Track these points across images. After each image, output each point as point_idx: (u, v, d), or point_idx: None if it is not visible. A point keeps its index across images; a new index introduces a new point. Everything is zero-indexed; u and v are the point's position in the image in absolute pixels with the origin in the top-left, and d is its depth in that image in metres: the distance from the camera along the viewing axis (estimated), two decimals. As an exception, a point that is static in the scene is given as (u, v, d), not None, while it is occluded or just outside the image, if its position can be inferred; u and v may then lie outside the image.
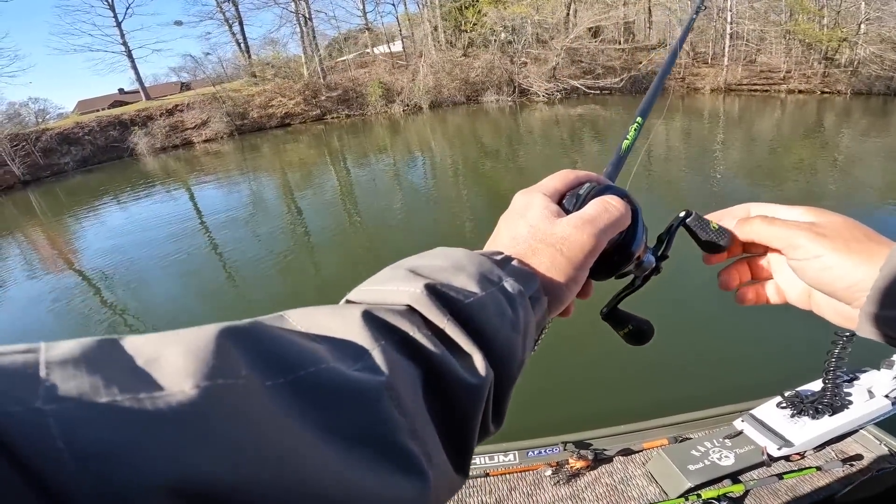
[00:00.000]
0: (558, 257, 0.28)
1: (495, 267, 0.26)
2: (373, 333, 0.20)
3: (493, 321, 0.23)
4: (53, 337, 1.20)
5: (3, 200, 15.53)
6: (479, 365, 0.22)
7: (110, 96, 28.40)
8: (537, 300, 0.27)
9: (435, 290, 0.23)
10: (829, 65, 17.59)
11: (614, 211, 0.31)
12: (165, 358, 0.14)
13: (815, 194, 7.21)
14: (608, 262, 0.32)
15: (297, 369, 0.17)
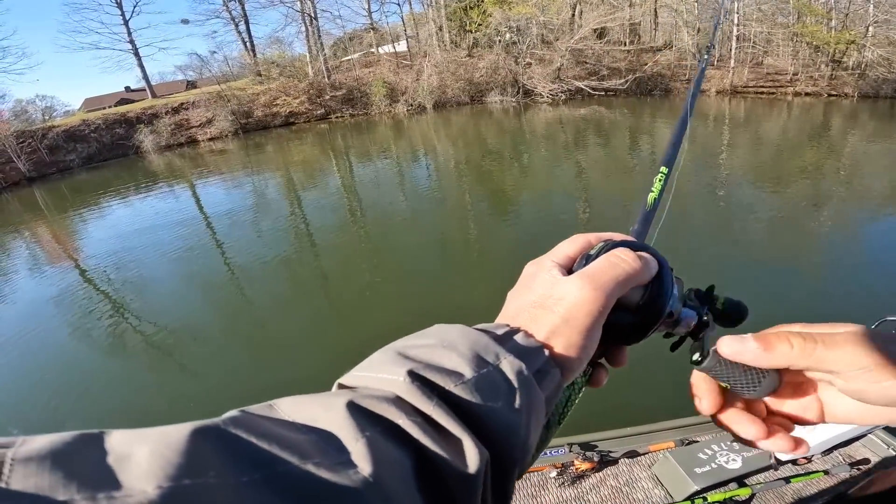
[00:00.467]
0: (557, 322, 0.26)
1: (493, 344, 0.25)
2: (358, 424, 0.20)
3: (486, 404, 0.22)
4: (54, 334, 1.22)
5: (9, 197, 15.66)
6: (469, 452, 0.21)
7: (117, 94, 28.61)
8: (546, 374, 0.25)
9: (419, 376, 0.22)
10: (837, 67, 17.47)
11: (622, 264, 0.28)
12: (134, 456, 0.14)
13: (821, 198, 7.16)
14: (636, 324, 0.29)
15: (274, 465, 0.16)
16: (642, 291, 0.29)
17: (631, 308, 0.28)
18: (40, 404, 3.92)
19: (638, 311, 0.29)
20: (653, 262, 0.30)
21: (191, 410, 3.60)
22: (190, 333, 4.84)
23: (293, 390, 1.40)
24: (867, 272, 4.58)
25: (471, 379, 0.22)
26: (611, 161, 10.99)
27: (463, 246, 6.49)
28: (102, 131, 19.66)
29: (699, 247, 5.63)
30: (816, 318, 0.95)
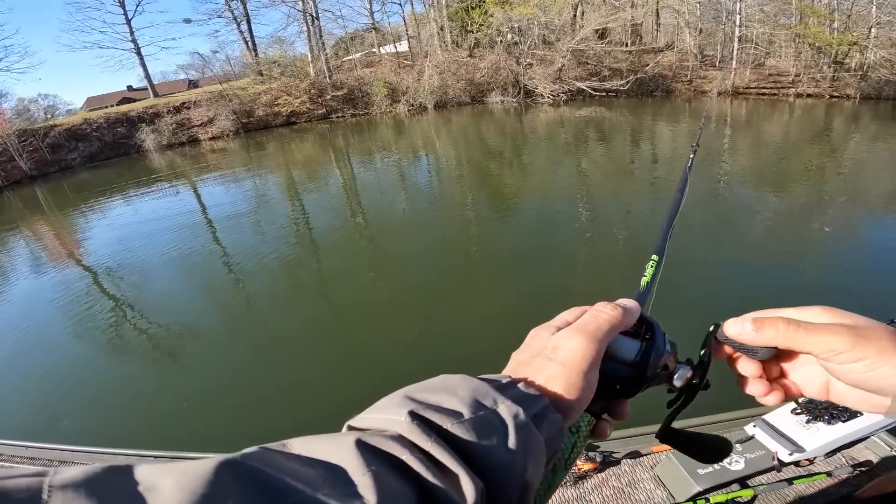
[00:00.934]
0: (554, 366, 0.30)
1: (492, 391, 0.27)
2: (365, 459, 0.21)
3: (481, 442, 0.24)
4: (56, 331, 1.22)
5: (10, 195, 15.70)
6: (465, 486, 0.22)
7: (119, 93, 28.65)
8: (545, 418, 0.27)
9: (420, 416, 0.25)
10: (839, 69, 17.43)
11: (604, 315, 0.33)
12: (160, 487, 0.16)
13: (822, 200, 7.14)
14: (632, 376, 0.32)
15: (287, 496, 0.18)
16: (638, 347, 0.33)
17: (627, 363, 0.32)
18: (37, 400, 3.92)
19: (634, 366, 0.32)
20: (633, 308, 0.35)
21: (187, 409, 3.60)
22: (189, 332, 4.83)
23: (292, 389, 1.41)
24: (870, 274, 4.57)
25: (468, 420, 0.25)
26: (611, 162, 10.98)
27: (463, 246, 6.49)
28: (104, 130, 19.69)
29: (700, 248, 5.62)
30: None
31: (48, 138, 18.37)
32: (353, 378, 3.62)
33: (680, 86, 20.48)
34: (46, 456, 2.23)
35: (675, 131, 14.16)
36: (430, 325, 4.43)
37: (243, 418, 3.36)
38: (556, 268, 5.33)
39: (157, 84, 26.03)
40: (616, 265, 5.26)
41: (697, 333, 0.40)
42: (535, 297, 4.64)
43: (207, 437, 3.14)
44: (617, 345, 0.33)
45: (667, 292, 0.51)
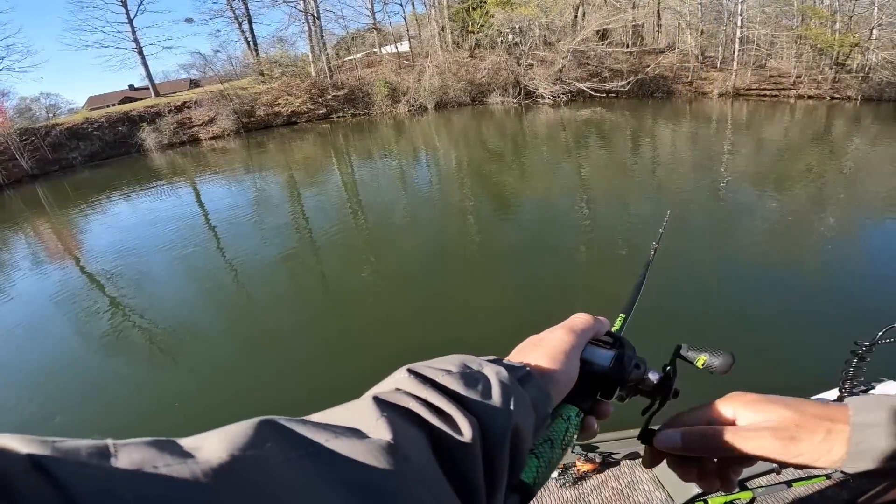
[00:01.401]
0: (542, 350, 0.37)
1: (479, 359, 0.33)
2: (378, 409, 0.26)
3: (470, 390, 0.29)
4: (58, 329, 1.22)
5: (11, 194, 15.72)
6: (462, 424, 0.27)
7: (120, 92, 28.69)
8: (528, 381, 0.32)
9: (415, 373, 0.30)
10: (840, 70, 17.42)
11: (579, 320, 0.41)
12: (208, 440, 0.19)
13: (822, 202, 7.14)
14: (609, 382, 0.39)
15: (316, 442, 0.22)
16: (612, 355, 0.40)
17: (604, 367, 0.39)
18: (36, 397, 3.92)
19: (609, 369, 0.39)
20: (605, 321, 0.43)
21: (184, 408, 3.60)
22: (187, 330, 4.84)
23: (291, 389, 1.41)
24: (871, 278, 4.56)
25: (456, 373, 0.30)
26: (612, 163, 10.98)
27: (462, 246, 6.49)
28: (105, 129, 19.72)
29: (700, 250, 5.61)
30: (826, 329, 0.94)
31: (49, 137, 18.40)
32: (352, 376, 3.62)
33: (681, 87, 20.48)
34: None
35: (675, 133, 14.16)
36: (430, 325, 4.43)
37: (241, 416, 3.35)
38: (555, 268, 5.33)
39: (158, 83, 26.07)
40: (615, 266, 5.26)
41: (682, 332, 0.41)
42: (533, 297, 4.64)
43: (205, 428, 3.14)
44: (595, 354, 0.40)
45: (653, 293, 0.51)
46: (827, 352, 1.96)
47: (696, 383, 0.46)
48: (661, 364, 0.43)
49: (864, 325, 3.54)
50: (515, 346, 0.41)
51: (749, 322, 3.83)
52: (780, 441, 0.33)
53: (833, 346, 1.64)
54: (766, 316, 3.88)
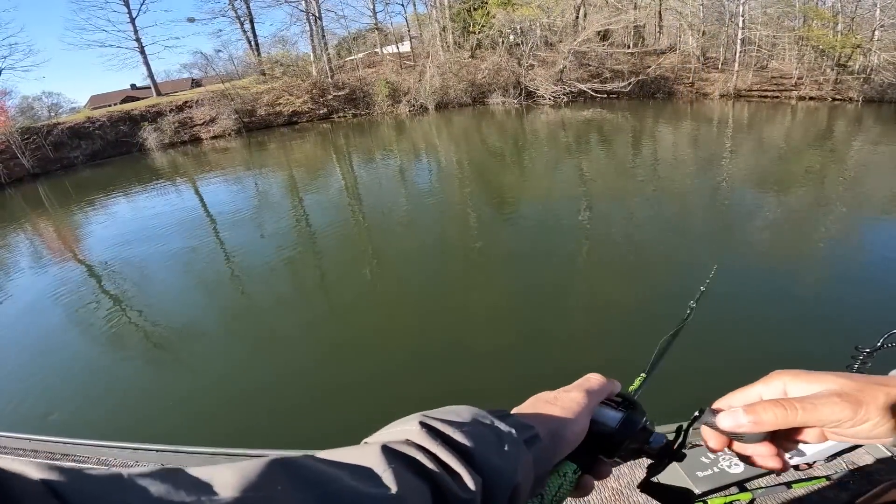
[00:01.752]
0: (554, 408, 0.38)
1: (490, 415, 0.34)
2: (386, 459, 0.26)
3: (479, 449, 0.30)
4: (59, 329, 1.22)
5: (12, 192, 15.75)
6: (467, 481, 0.27)
7: (122, 92, 28.72)
8: (534, 444, 0.33)
9: (427, 426, 0.31)
10: (842, 71, 17.39)
11: (592, 379, 0.42)
12: (219, 475, 0.20)
13: (823, 203, 7.13)
14: (613, 441, 0.39)
15: (326, 485, 0.22)
16: (620, 417, 0.40)
17: (610, 427, 0.40)
18: (36, 394, 3.93)
19: (615, 430, 0.40)
20: (617, 382, 0.44)
21: (182, 408, 3.61)
22: (186, 329, 4.84)
23: (290, 390, 1.40)
24: (872, 282, 4.54)
25: (467, 430, 0.31)
26: (612, 164, 10.97)
27: (463, 248, 6.48)
28: (107, 129, 19.75)
29: (701, 250, 5.61)
30: (830, 332, 0.93)
31: (51, 136, 18.44)
32: (352, 378, 3.61)
33: (682, 88, 20.46)
34: (49, 449, 2.24)
35: (677, 134, 14.15)
36: (430, 327, 4.42)
37: (240, 418, 3.36)
38: (555, 272, 5.33)
39: (160, 83, 26.12)
40: (616, 268, 5.25)
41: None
42: (534, 301, 4.63)
43: (206, 432, 3.14)
44: (604, 414, 0.40)
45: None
46: (827, 358, 1.96)
47: (724, 366, 0.45)
48: (675, 418, 0.42)
49: (864, 330, 3.52)
50: (528, 399, 0.42)
51: (747, 326, 3.83)
52: (849, 405, 0.32)
53: (833, 353, 1.64)
54: (765, 320, 3.87)
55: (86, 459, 2.16)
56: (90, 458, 2.16)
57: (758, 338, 3.60)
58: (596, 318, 4.23)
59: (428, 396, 3.29)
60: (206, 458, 2.04)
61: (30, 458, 0.14)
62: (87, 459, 2.16)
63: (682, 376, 2.72)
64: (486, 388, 3.28)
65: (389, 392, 3.37)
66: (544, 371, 3.35)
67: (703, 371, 2.93)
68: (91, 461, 2.15)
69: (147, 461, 2.12)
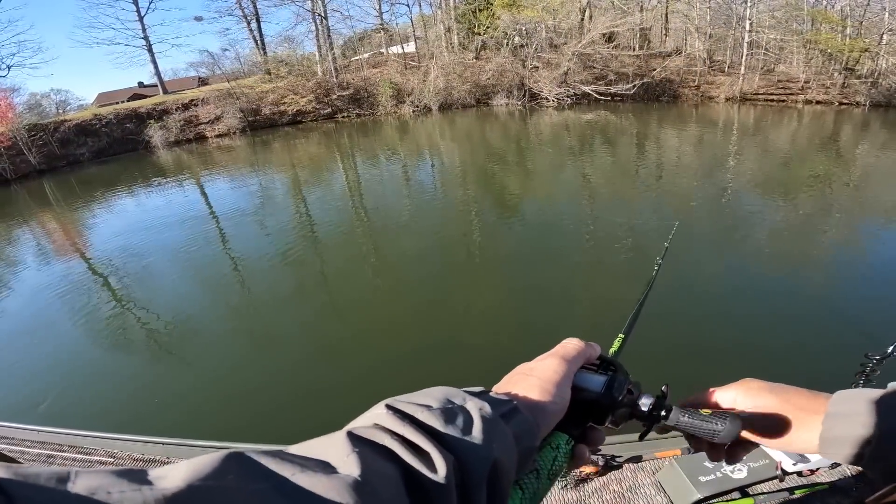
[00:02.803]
0: (531, 379, 0.37)
1: (463, 393, 0.33)
2: (350, 445, 0.26)
3: (449, 427, 0.29)
4: (61, 323, 1.25)
5: (18, 188, 15.89)
6: (437, 461, 0.26)
7: (130, 89, 28.93)
8: (513, 416, 0.32)
9: (395, 408, 0.30)
10: (850, 75, 17.27)
11: (569, 344, 0.41)
12: (174, 469, 0.20)
13: (827, 209, 7.08)
14: (600, 408, 0.38)
15: (280, 476, 0.22)
16: (604, 380, 0.39)
17: (595, 392, 0.39)
18: (36, 387, 3.96)
19: (601, 395, 0.38)
20: (596, 346, 0.42)
21: (186, 400, 3.63)
22: (189, 326, 4.87)
23: (291, 387, 1.42)
24: (881, 288, 4.51)
25: (436, 409, 0.30)
26: (615, 167, 10.95)
27: (465, 249, 6.49)
28: (113, 126, 19.90)
29: (704, 254, 5.59)
30: (839, 338, 0.93)
31: (58, 133, 18.59)
32: (353, 375, 3.63)
33: (687, 91, 20.39)
34: (56, 440, 2.27)
35: (681, 137, 14.09)
36: (431, 326, 4.43)
37: (239, 413, 3.38)
38: (556, 274, 5.33)
39: (167, 81, 26.28)
40: (616, 271, 5.25)
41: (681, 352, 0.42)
42: (534, 301, 4.63)
43: (205, 426, 3.16)
44: (586, 379, 0.39)
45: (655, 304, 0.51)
46: (836, 365, 1.96)
47: (714, 364, 0.46)
48: (659, 385, 0.41)
49: (874, 337, 3.52)
50: (506, 374, 0.40)
51: (756, 334, 3.81)
52: (768, 429, 0.37)
53: (842, 359, 1.63)
54: (775, 328, 3.85)
55: (93, 451, 2.19)
56: (97, 450, 2.19)
57: (765, 349, 3.58)
58: (598, 320, 4.23)
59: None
60: (212, 451, 2.07)
61: (38, 450, 0.15)
62: (94, 451, 2.19)
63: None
64: (486, 383, 3.29)
65: (389, 388, 3.36)
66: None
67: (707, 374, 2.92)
68: (98, 453, 2.17)
69: (153, 453, 2.14)
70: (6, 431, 2.37)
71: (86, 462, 2.13)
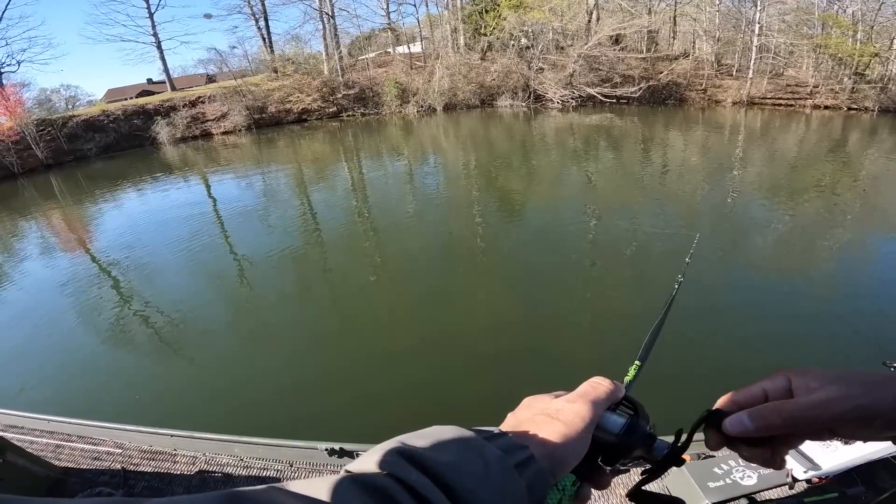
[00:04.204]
0: (556, 424, 0.34)
1: (479, 439, 0.31)
2: (356, 493, 0.24)
3: (464, 480, 0.27)
4: (65, 318, 1.23)
5: (25, 182, 16.02)
6: None
7: (139, 86, 29.17)
8: (528, 466, 0.30)
9: (407, 455, 0.28)
10: (859, 80, 17.11)
11: (600, 386, 0.38)
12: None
13: (834, 216, 7.00)
14: (616, 449, 0.36)
15: None
16: (624, 422, 0.37)
17: (614, 434, 0.37)
18: (38, 379, 3.98)
19: (619, 438, 0.36)
20: (621, 386, 0.40)
21: (186, 397, 3.63)
22: (196, 321, 4.86)
23: (294, 379, 1.40)
24: (880, 298, 4.45)
25: (452, 461, 0.28)
26: (619, 170, 10.89)
27: (466, 249, 6.46)
28: (121, 122, 20.04)
29: (709, 260, 5.54)
30: (854, 343, 0.91)
31: (66, 128, 18.74)
32: (354, 373, 3.62)
33: (694, 94, 20.27)
34: (65, 430, 2.27)
35: (687, 141, 14.01)
36: (432, 326, 4.41)
37: (238, 409, 3.37)
38: (558, 275, 5.30)
39: (176, 78, 26.46)
40: (618, 274, 5.21)
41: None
42: (535, 302, 4.61)
43: (212, 420, 3.15)
44: (606, 419, 0.37)
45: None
46: (851, 366, 1.92)
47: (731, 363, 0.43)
48: (673, 424, 0.39)
49: (867, 350, 3.47)
50: (525, 405, 0.38)
51: (772, 330, 3.77)
52: (859, 406, 0.31)
53: (857, 362, 1.60)
54: (788, 337, 3.79)
55: (102, 441, 2.19)
56: (106, 440, 2.19)
57: (777, 357, 3.53)
58: (602, 327, 4.19)
59: (428, 392, 3.29)
60: (219, 445, 2.06)
61: (46, 440, 0.14)
62: (102, 441, 2.19)
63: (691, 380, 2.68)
64: (486, 386, 3.26)
65: (389, 384, 3.37)
66: (545, 368, 3.33)
67: (709, 375, 2.88)
68: (107, 444, 2.17)
69: (162, 445, 2.14)
70: (15, 420, 2.37)
71: (93, 452, 2.13)
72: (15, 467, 1.85)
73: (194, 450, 2.12)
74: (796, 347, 3.59)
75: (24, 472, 1.89)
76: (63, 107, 21.87)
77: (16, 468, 1.85)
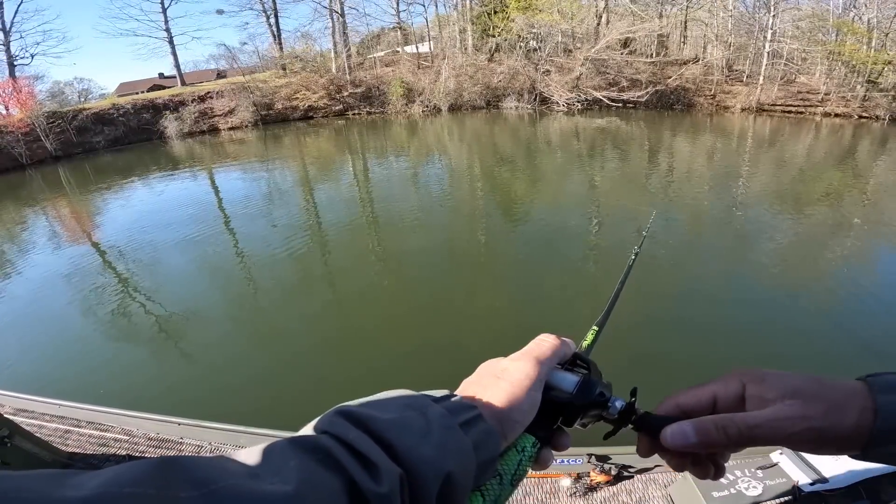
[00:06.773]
0: (502, 383, 0.34)
1: (424, 399, 0.31)
2: (293, 453, 0.24)
3: (404, 436, 0.27)
4: (68, 307, 1.26)
5: (33, 173, 16.19)
6: (384, 474, 0.25)
7: (150, 80, 29.39)
8: (474, 426, 0.30)
9: (346, 414, 0.28)
10: (872, 88, 16.91)
11: (545, 343, 0.38)
12: (96, 475, 0.19)
13: (840, 226, 6.93)
14: (572, 408, 0.36)
15: (211, 484, 0.20)
16: (577, 380, 0.37)
17: (567, 393, 0.36)
18: (39, 370, 4.02)
19: (573, 395, 0.36)
20: (571, 342, 0.40)
21: (194, 387, 3.66)
22: (193, 316, 4.89)
23: (298, 372, 1.42)
24: (887, 309, 4.41)
25: (391, 417, 0.28)
26: (623, 174, 10.85)
27: (468, 248, 6.47)
28: (130, 116, 20.22)
29: (711, 266, 5.51)
30: (861, 357, 0.90)
31: (76, 121, 18.93)
32: (354, 370, 3.63)
33: (702, 100, 20.13)
34: (75, 415, 2.29)
35: (693, 147, 13.92)
36: (432, 324, 4.41)
37: (236, 404, 3.40)
38: (559, 276, 5.29)
39: (186, 73, 26.67)
40: (618, 276, 5.18)
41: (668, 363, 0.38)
42: (535, 301, 4.60)
43: (219, 409, 3.18)
44: (558, 378, 0.37)
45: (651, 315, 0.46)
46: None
47: (689, 363, 0.41)
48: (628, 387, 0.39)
49: (869, 359, 3.44)
50: (478, 368, 0.38)
51: (781, 337, 3.74)
52: (810, 425, 0.29)
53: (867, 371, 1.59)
54: (801, 332, 3.77)
55: (110, 428, 2.21)
56: (114, 427, 2.21)
57: (802, 355, 3.51)
58: (610, 333, 4.18)
59: (437, 387, 3.28)
60: (225, 435, 2.08)
61: (55, 424, 0.14)
62: (111, 428, 2.21)
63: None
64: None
65: (390, 381, 3.34)
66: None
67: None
68: (115, 430, 2.19)
69: (169, 433, 2.16)
70: (25, 404, 2.40)
71: (101, 439, 2.15)
72: (21, 451, 1.87)
73: (200, 439, 2.13)
74: (786, 346, 3.57)
75: (31, 456, 1.91)
76: (76, 99, 22.08)
77: (22, 452, 1.88)
